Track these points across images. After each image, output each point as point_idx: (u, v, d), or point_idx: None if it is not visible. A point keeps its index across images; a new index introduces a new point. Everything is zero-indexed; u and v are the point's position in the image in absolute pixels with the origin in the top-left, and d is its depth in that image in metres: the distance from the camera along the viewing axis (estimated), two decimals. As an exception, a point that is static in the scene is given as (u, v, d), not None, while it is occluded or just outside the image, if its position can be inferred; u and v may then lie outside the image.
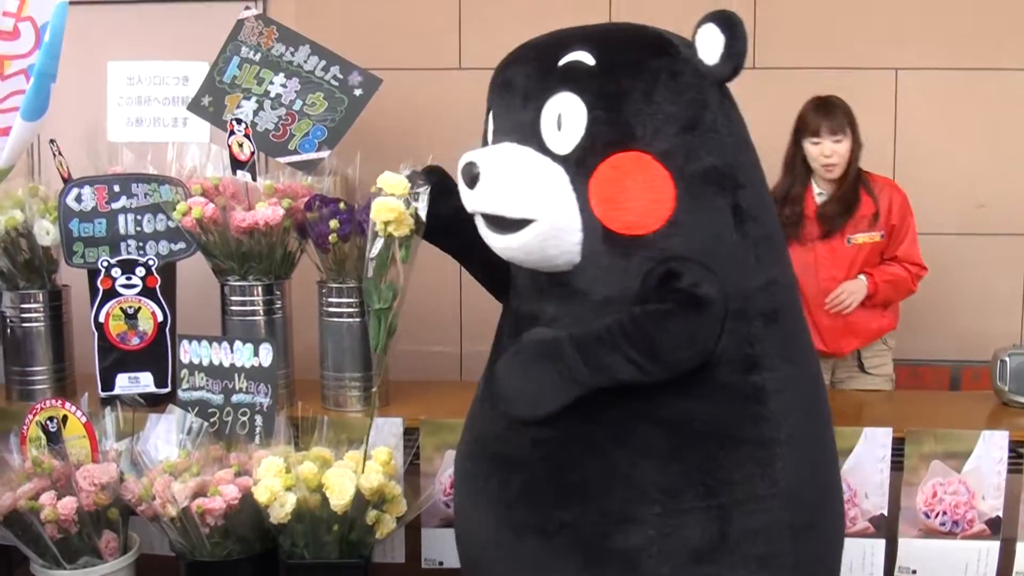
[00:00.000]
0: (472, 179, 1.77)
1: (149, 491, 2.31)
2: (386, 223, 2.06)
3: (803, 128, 3.20)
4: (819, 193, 3.27)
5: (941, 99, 3.77)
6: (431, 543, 2.72)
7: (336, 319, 2.78)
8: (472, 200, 1.82)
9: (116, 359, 2.82)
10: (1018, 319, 3.89)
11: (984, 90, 3.81)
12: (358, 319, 2.76)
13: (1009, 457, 2.67)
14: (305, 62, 2.99)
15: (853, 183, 3.22)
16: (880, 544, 2.71)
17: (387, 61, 3.54)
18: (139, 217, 2.85)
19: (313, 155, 2.95)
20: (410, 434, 2.70)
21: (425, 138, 3.62)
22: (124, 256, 2.82)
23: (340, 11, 3.72)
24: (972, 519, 2.71)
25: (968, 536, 2.71)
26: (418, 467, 2.70)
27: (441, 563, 2.73)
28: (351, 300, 2.76)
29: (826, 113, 3.16)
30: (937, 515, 2.71)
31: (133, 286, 2.80)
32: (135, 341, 2.82)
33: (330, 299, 2.78)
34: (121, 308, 2.80)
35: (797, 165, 3.24)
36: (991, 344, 3.18)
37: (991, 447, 2.68)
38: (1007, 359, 2.96)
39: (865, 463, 2.68)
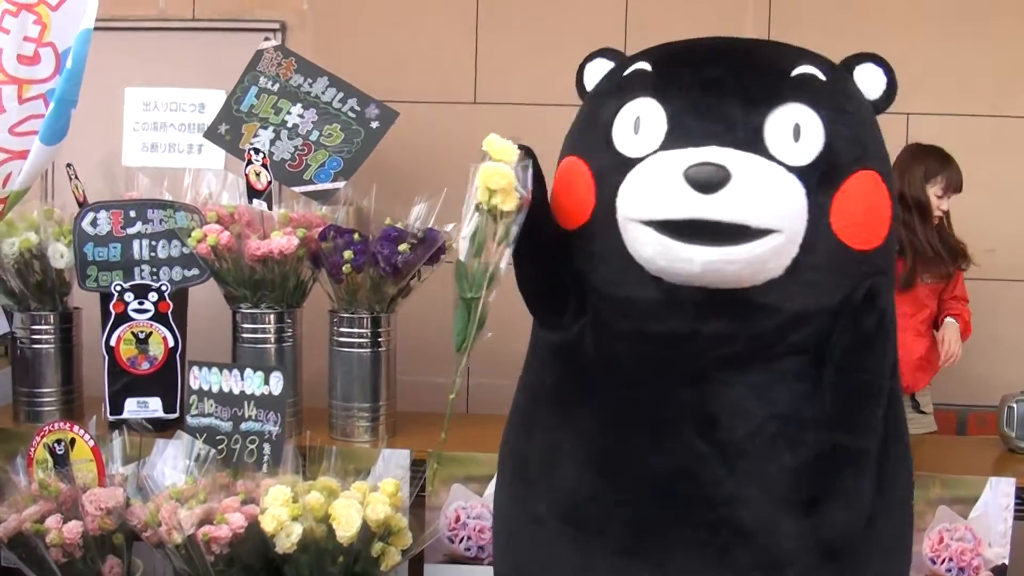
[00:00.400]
0: (718, 182, 1.59)
1: (155, 517, 2.30)
2: (493, 191, 1.77)
3: (932, 177, 3.27)
4: None
5: (952, 144, 3.77)
6: (434, 578, 2.70)
7: (347, 349, 2.79)
8: (702, 205, 1.61)
9: (126, 383, 2.82)
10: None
11: (994, 136, 3.82)
12: (368, 349, 2.78)
13: (1016, 504, 2.67)
14: (323, 93, 3.02)
15: (950, 228, 3.37)
16: None
17: (403, 94, 3.55)
18: (154, 243, 2.87)
19: (329, 185, 2.96)
20: (417, 466, 2.69)
21: (439, 171, 3.63)
22: (137, 281, 2.83)
23: (357, 44, 3.76)
24: (978, 566, 2.70)
25: None
26: (423, 499, 2.68)
27: (443, 599, 2.71)
28: (362, 330, 2.77)
29: (955, 170, 3.27)
30: (943, 561, 2.70)
31: (145, 311, 2.81)
32: (145, 366, 2.83)
33: (341, 329, 2.79)
34: (132, 332, 2.81)
35: (931, 209, 3.29)
36: (998, 389, 3.17)
37: (998, 494, 2.68)
38: (1015, 405, 2.96)
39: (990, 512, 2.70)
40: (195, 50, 3.80)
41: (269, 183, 2.79)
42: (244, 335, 2.83)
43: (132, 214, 2.85)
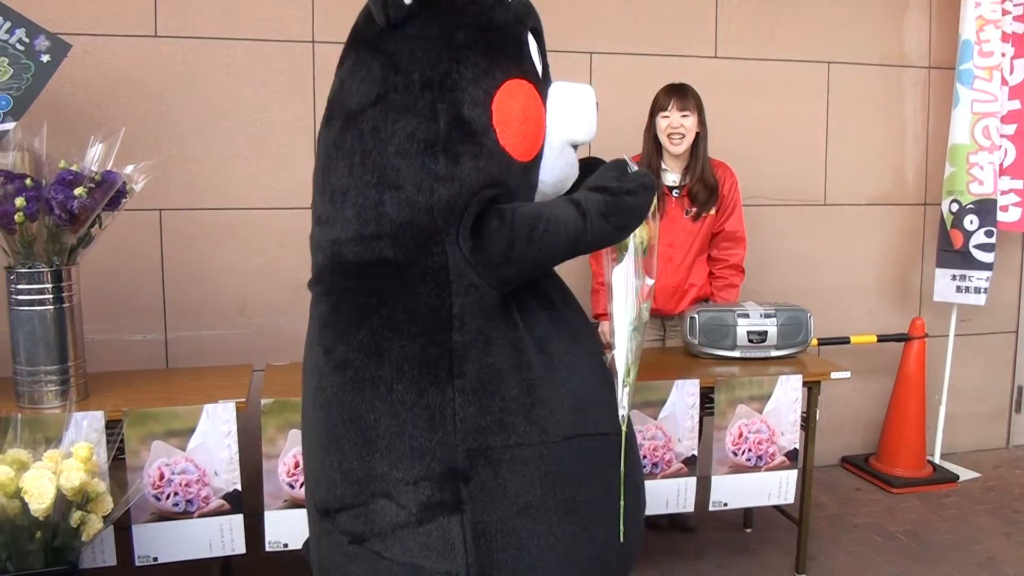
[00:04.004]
0: None
1: None
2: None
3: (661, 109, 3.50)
4: (664, 169, 3.52)
5: (632, 81, 4.00)
6: (144, 539, 2.59)
7: (27, 308, 2.54)
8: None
9: None
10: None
11: (671, 74, 4.08)
12: (51, 307, 2.55)
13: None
14: (-13, 24, 2.71)
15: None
16: (692, 482, 3.03)
17: (77, 26, 3.31)
18: None
19: (-3, 127, 2.69)
20: (112, 427, 2.54)
21: (117, 109, 3.42)
22: None
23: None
24: (773, 453, 3.09)
25: (771, 468, 3.10)
26: (123, 462, 2.55)
27: (156, 559, 2.61)
28: (43, 286, 2.54)
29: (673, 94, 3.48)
30: (743, 452, 3.08)
31: None
32: None
33: (19, 286, 2.53)
34: None
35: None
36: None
37: (684, 394, 2.97)
38: (696, 316, 3.24)
39: (677, 411, 2.97)
40: None
41: (-68, 124, 2.48)
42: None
43: None
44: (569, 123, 1.90)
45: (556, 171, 1.91)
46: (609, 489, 1.90)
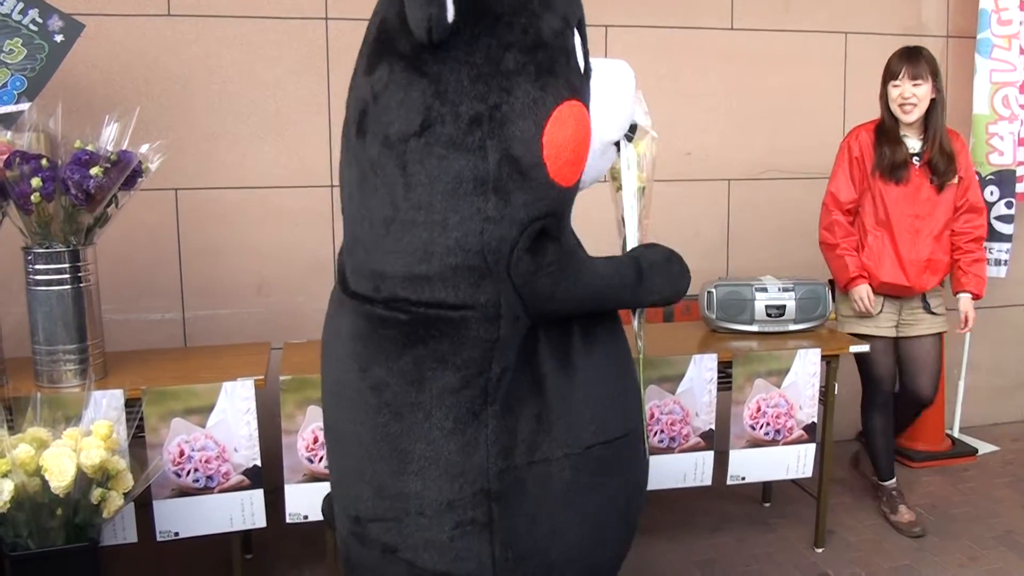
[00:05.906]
0: None
1: None
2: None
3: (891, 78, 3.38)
4: (904, 136, 3.39)
5: (648, 54, 3.97)
6: (164, 515, 2.62)
7: (45, 288, 2.55)
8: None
9: None
10: (724, 256, 4.22)
11: (687, 47, 4.05)
12: (68, 286, 2.56)
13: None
14: (0, 4, 2.70)
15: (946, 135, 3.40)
16: (710, 456, 3.05)
17: (89, 5, 3.29)
18: None
19: (12, 108, 2.68)
20: (132, 405, 2.56)
21: (131, 88, 3.43)
22: None
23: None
24: (791, 427, 3.09)
25: (789, 442, 3.10)
26: (143, 440, 2.57)
27: (177, 534, 2.64)
28: (60, 265, 2.55)
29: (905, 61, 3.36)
30: (761, 427, 3.08)
31: None
32: None
33: (37, 266, 2.54)
34: None
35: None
36: (698, 280, 3.41)
37: (702, 368, 2.97)
38: (713, 291, 3.23)
39: (695, 386, 2.98)
40: None
41: (-55, 106, 2.49)
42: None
43: None
44: (608, 126, 1.81)
45: (594, 170, 1.83)
46: (618, 493, 1.90)
